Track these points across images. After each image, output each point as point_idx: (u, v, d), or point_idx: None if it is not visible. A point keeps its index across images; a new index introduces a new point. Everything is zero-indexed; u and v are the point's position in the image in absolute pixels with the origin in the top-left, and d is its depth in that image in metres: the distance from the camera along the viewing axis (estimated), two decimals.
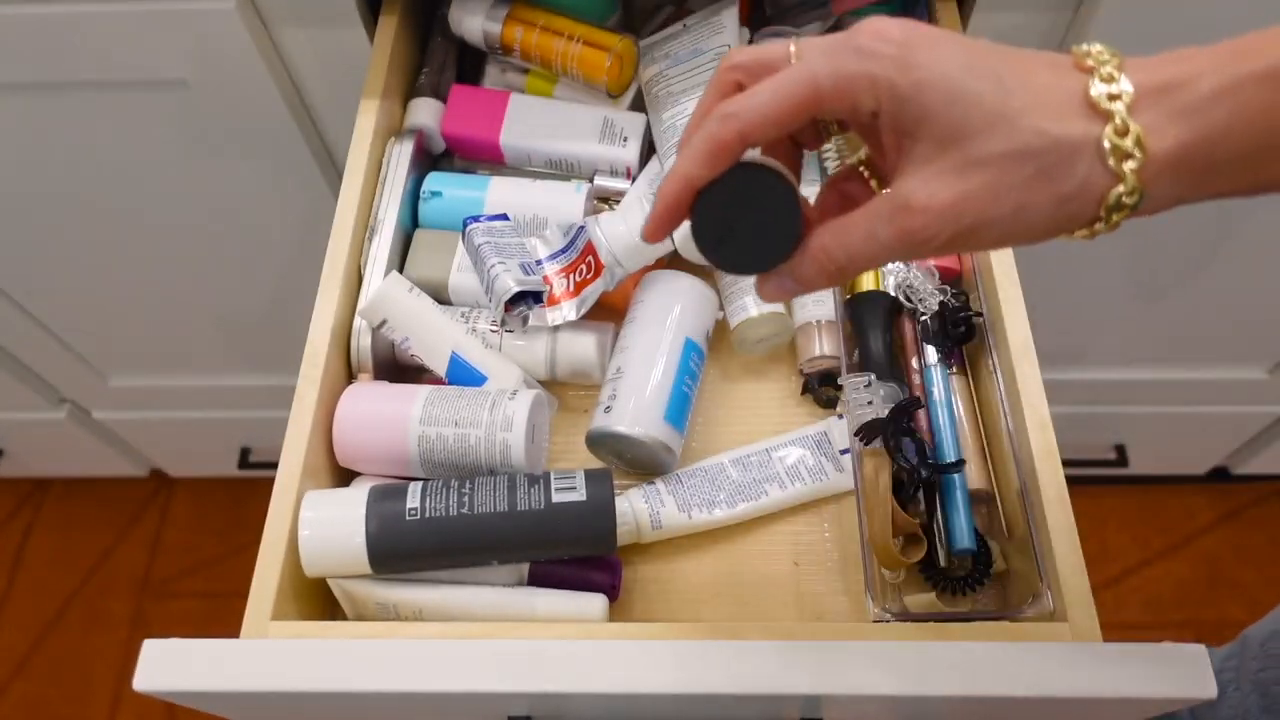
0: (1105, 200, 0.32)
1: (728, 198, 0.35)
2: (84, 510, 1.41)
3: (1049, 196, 0.32)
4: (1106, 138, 0.31)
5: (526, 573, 0.52)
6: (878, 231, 0.33)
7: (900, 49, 0.32)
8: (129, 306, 1.00)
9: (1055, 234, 0.33)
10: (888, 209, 0.33)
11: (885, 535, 0.52)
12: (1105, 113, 0.31)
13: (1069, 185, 0.32)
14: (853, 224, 0.34)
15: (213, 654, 0.44)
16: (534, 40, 0.66)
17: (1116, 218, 0.32)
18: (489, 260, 0.57)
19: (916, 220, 0.32)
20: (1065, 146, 0.31)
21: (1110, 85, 0.31)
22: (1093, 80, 0.31)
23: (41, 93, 0.74)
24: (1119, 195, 0.31)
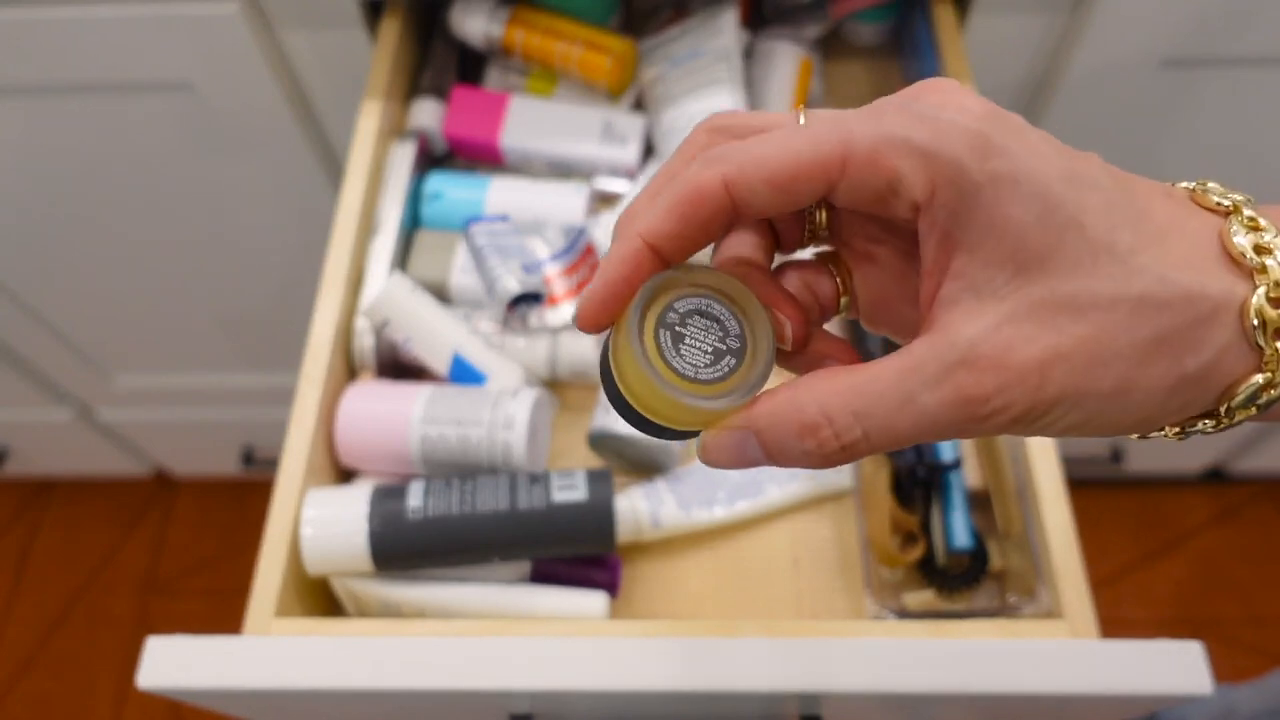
0: (1232, 392, 0.23)
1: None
2: (88, 510, 1.42)
3: (1165, 374, 0.23)
4: (1257, 304, 0.22)
5: (528, 571, 0.53)
6: (920, 396, 0.23)
7: (981, 123, 0.22)
8: (133, 306, 1.00)
9: (1147, 430, 0.25)
10: (936, 362, 0.23)
11: (884, 534, 0.53)
12: (1252, 269, 0.22)
13: (1195, 362, 0.22)
14: (876, 381, 0.23)
15: (216, 652, 0.44)
16: (535, 42, 0.66)
17: (1240, 417, 0.24)
18: (490, 261, 0.58)
19: (986, 382, 0.22)
20: (1201, 304, 0.22)
21: (1258, 235, 0.23)
22: (1231, 225, 0.23)
23: (47, 95, 0.74)
24: (1256, 387, 0.23)
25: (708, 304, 0.26)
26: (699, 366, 0.25)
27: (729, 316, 0.26)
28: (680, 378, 0.25)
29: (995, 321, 0.23)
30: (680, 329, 0.26)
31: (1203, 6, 0.65)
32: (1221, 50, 0.69)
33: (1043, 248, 0.22)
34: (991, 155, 0.22)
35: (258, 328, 1.04)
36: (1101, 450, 1.22)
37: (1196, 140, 0.77)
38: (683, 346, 0.25)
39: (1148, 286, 0.22)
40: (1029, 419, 0.23)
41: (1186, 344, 0.22)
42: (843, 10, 0.69)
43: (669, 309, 0.26)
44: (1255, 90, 0.73)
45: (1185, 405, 0.23)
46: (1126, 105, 0.74)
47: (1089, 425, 0.23)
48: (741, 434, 0.25)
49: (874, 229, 0.28)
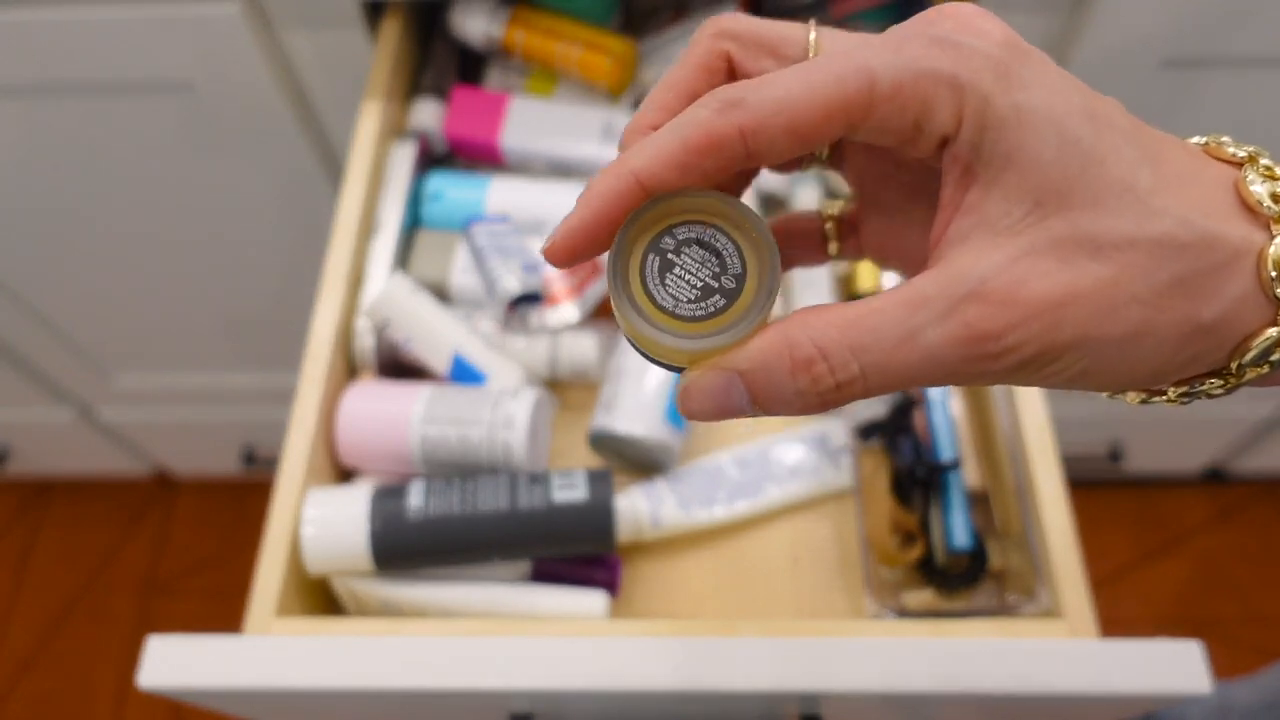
0: (1246, 346, 0.22)
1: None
2: (89, 510, 1.42)
3: (1180, 321, 0.22)
4: (1275, 253, 0.21)
5: (528, 571, 0.53)
6: (924, 331, 0.21)
7: (1004, 50, 0.21)
8: (134, 306, 1.00)
9: (1152, 384, 0.23)
10: (943, 296, 0.21)
11: (883, 533, 0.53)
12: (1269, 218, 0.22)
13: (1211, 310, 0.22)
14: (875, 315, 0.22)
15: (216, 651, 0.44)
16: (535, 42, 0.66)
17: (1249, 375, 0.23)
18: (490, 261, 0.58)
19: (999, 318, 0.21)
20: (1220, 250, 0.21)
21: (1274, 184, 0.22)
22: (1246, 173, 0.22)
23: (48, 95, 0.74)
24: (1270, 341, 0.22)
25: (711, 235, 0.24)
26: (680, 301, 0.23)
27: (732, 253, 0.24)
28: (660, 311, 0.23)
29: (1011, 255, 0.21)
30: (673, 257, 0.24)
31: (1202, 6, 0.65)
32: (1221, 50, 0.69)
33: (1063, 181, 0.21)
34: (1014, 87, 0.21)
35: (258, 328, 1.04)
36: (1101, 450, 1.22)
37: None
38: (670, 277, 0.24)
39: (1168, 228, 0.21)
40: (1038, 364, 0.22)
41: (1204, 291, 0.21)
42: (843, 10, 0.69)
43: (666, 233, 0.24)
44: (1255, 90, 0.73)
45: (1195, 358, 0.22)
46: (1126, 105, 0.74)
47: (1094, 375, 0.22)
48: (725, 377, 0.22)
49: (879, 162, 0.26)
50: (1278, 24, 0.67)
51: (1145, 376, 0.23)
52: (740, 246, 0.24)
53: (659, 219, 0.24)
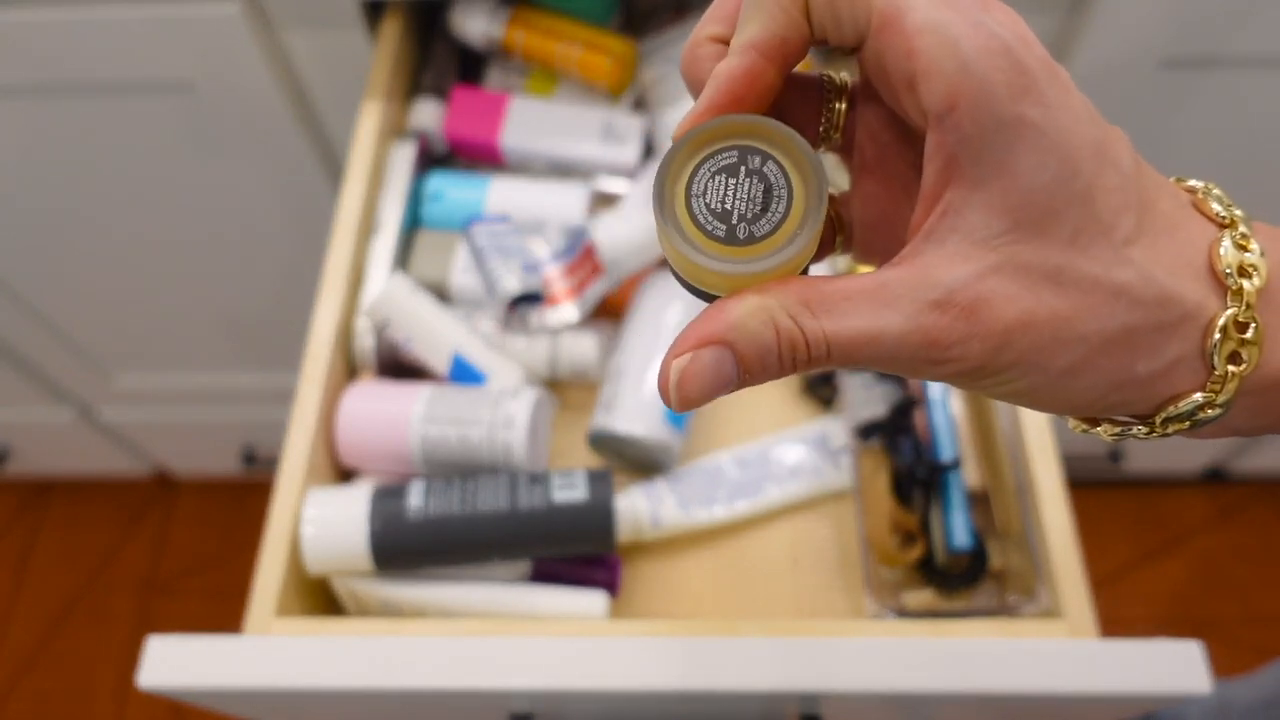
0: (1171, 403, 0.23)
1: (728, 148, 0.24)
2: (89, 510, 1.42)
3: (1116, 370, 0.23)
4: (1223, 323, 0.22)
5: (528, 571, 0.53)
6: (888, 327, 0.22)
7: (1033, 62, 0.22)
8: (134, 306, 1.00)
9: (1079, 414, 0.25)
10: (911, 297, 0.22)
11: (883, 533, 0.53)
12: (1230, 290, 0.22)
13: (1148, 367, 0.23)
14: (848, 303, 0.23)
15: (216, 651, 0.44)
16: (535, 43, 0.66)
17: (1172, 429, 0.24)
18: (490, 261, 0.58)
19: (951, 330, 0.22)
20: (1172, 310, 0.22)
21: (1244, 254, 0.23)
22: (1224, 239, 0.23)
23: (48, 95, 0.74)
24: (1196, 406, 0.23)
25: (759, 160, 0.24)
26: (726, 224, 0.23)
27: (779, 177, 0.24)
28: (703, 234, 0.23)
29: (979, 271, 0.22)
30: (720, 180, 0.24)
31: (1201, 6, 0.65)
32: (1220, 50, 0.69)
33: (1048, 210, 0.22)
34: (1028, 96, 0.21)
35: (258, 328, 1.04)
36: (1101, 450, 1.22)
37: (1196, 140, 0.77)
38: (715, 200, 0.24)
39: (1129, 279, 0.22)
40: (978, 375, 0.23)
41: (1146, 346, 0.22)
42: None
43: (713, 157, 0.24)
44: (1255, 90, 0.73)
45: (1123, 404, 0.23)
46: (1125, 105, 0.74)
47: (1026, 397, 0.24)
48: (717, 355, 0.23)
49: (890, 138, 0.27)
50: (1277, 24, 0.67)
51: (1075, 407, 0.24)
52: (787, 172, 0.24)
53: (707, 141, 0.24)
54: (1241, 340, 0.22)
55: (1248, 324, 0.22)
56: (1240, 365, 0.22)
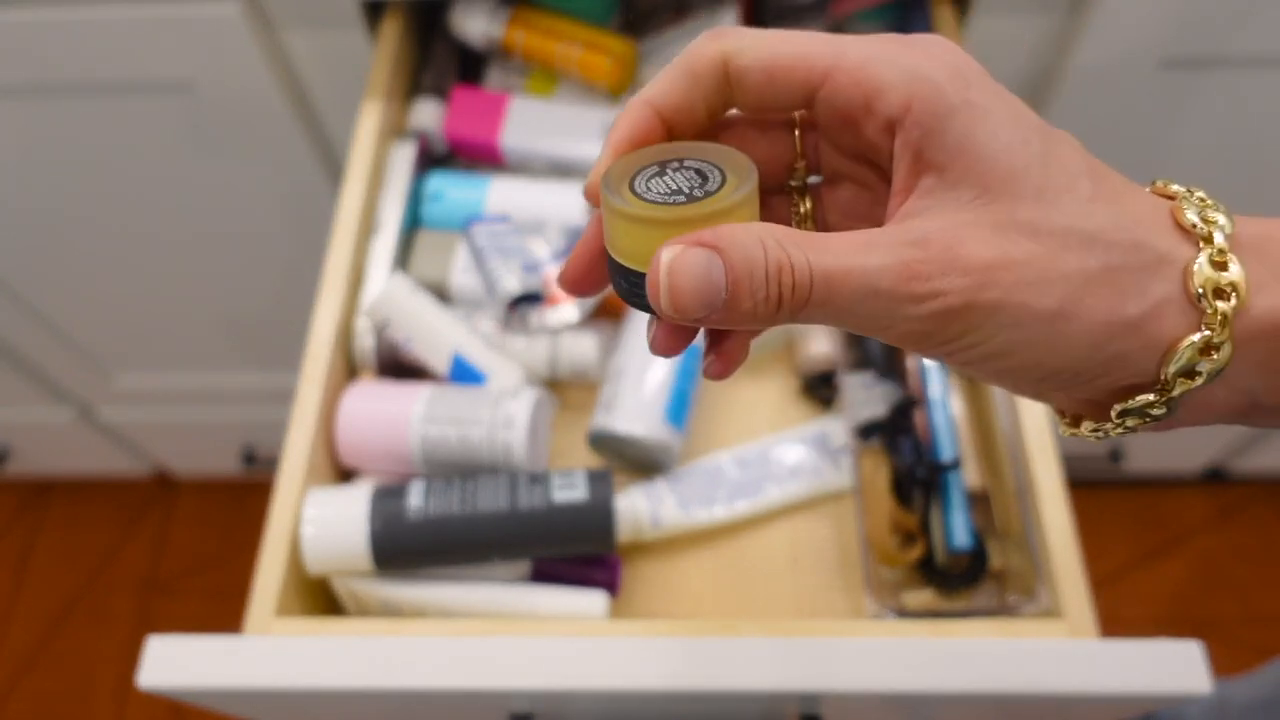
0: (1173, 353, 0.23)
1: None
2: (89, 510, 1.42)
3: (1106, 310, 0.23)
4: (1201, 262, 0.23)
5: (528, 571, 0.53)
6: (870, 256, 0.23)
7: (966, 65, 0.24)
8: (133, 306, 1.00)
9: (1074, 385, 0.25)
10: (889, 242, 0.23)
11: (883, 533, 0.53)
12: (1200, 237, 0.23)
13: (1137, 307, 0.23)
14: (832, 240, 0.24)
15: (216, 651, 0.44)
16: (535, 43, 0.66)
17: (1179, 389, 0.23)
18: (490, 261, 0.58)
19: (931, 262, 0.23)
20: (1148, 253, 0.23)
21: (1206, 212, 0.24)
22: (1184, 204, 0.24)
23: (47, 95, 0.74)
24: (1194, 347, 0.23)
25: (698, 164, 0.26)
26: (665, 195, 0.25)
27: (715, 172, 0.26)
28: (643, 202, 0.25)
29: (954, 222, 0.23)
30: (662, 174, 0.26)
31: (1201, 6, 0.65)
32: (1220, 50, 0.69)
33: (1009, 174, 0.23)
34: (971, 89, 0.23)
35: (258, 328, 1.04)
36: (1101, 450, 1.22)
37: (1195, 140, 0.77)
38: (657, 183, 0.25)
39: (1102, 225, 0.23)
40: (961, 323, 0.23)
41: (1130, 286, 0.23)
42: (843, 10, 0.69)
43: (659, 164, 0.26)
44: (1255, 90, 0.73)
45: (1120, 358, 0.23)
46: (1125, 105, 0.74)
47: (1017, 354, 0.24)
48: (706, 255, 0.23)
49: (847, 162, 0.28)
50: (1277, 24, 0.67)
51: (1067, 368, 0.24)
52: (724, 170, 0.26)
53: (655, 155, 0.26)
54: (1223, 279, 0.23)
55: (1225, 263, 0.23)
56: (1229, 300, 0.23)
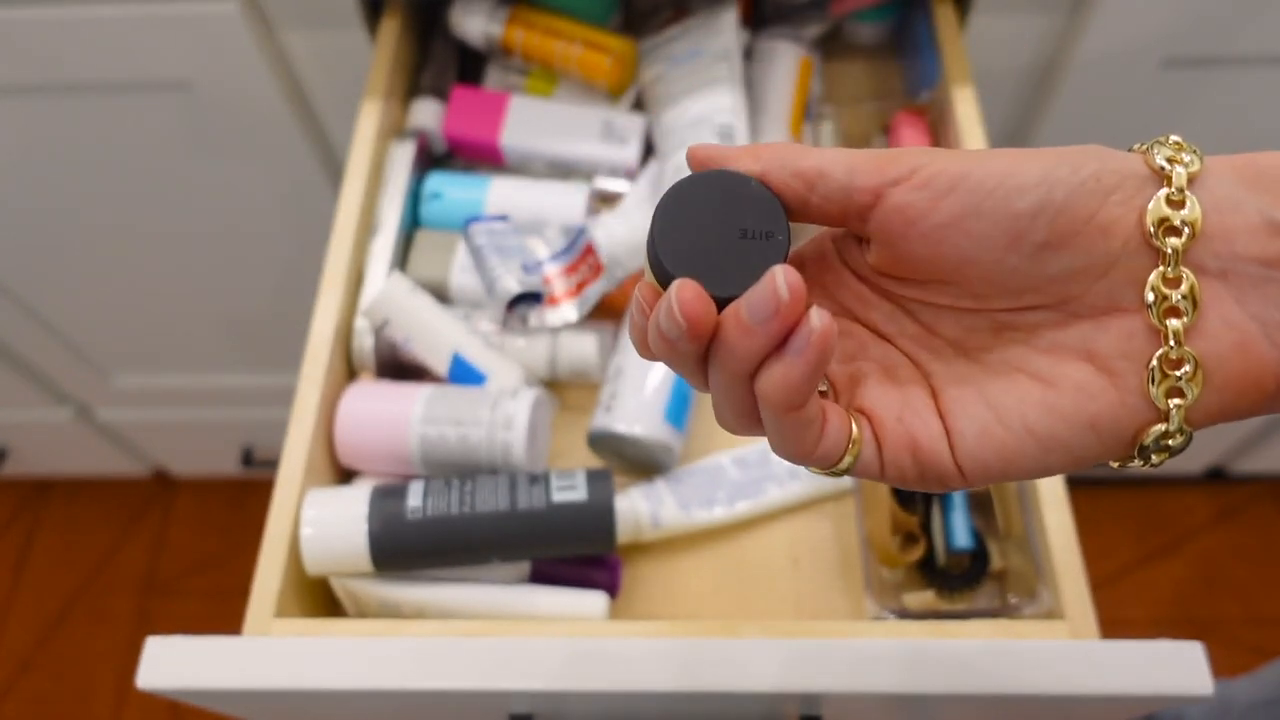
0: (1142, 224, 0.24)
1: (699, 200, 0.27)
2: (88, 510, 1.42)
3: (1085, 207, 0.24)
4: (1158, 198, 0.24)
5: (528, 571, 0.53)
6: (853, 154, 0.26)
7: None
8: (132, 306, 1.00)
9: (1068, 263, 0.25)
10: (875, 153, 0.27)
11: (884, 534, 0.53)
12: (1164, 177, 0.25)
13: (1119, 202, 0.24)
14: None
15: (215, 652, 0.44)
16: (535, 42, 0.66)
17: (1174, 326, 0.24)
18: (490, 261, 0.58)
19: (915, 150, 0.26)
20: (1107, 154, 0.25)
21: (1178, 154, 0.25)
22: (1155, 149, 0.25)
23: (46, 95, 0.74)
24: (1159, 278, 0.24)
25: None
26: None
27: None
28: None
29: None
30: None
31: (1202, 6, 0.65)
32: (1221, 50, 0.69)
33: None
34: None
35: (258, 328, 1.04)
36: None
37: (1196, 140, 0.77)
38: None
39: (1063, 149, 0.25)
40: (931, 190, 0.25)
41: (1111, 185, 0.24)
42: (843, 10, 0.69)
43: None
44: (1255, 90, 0.73)
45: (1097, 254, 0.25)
46: (1126, 105, 0.74)
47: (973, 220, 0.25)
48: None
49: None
50: (1278, 24, 0.67)
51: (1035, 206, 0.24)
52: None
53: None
54: (1177, 216, 0.24)
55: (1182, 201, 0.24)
56: (1180, 237, 0.24)
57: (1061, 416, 0.25)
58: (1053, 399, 0.25)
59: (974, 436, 0.26)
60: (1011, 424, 0.26)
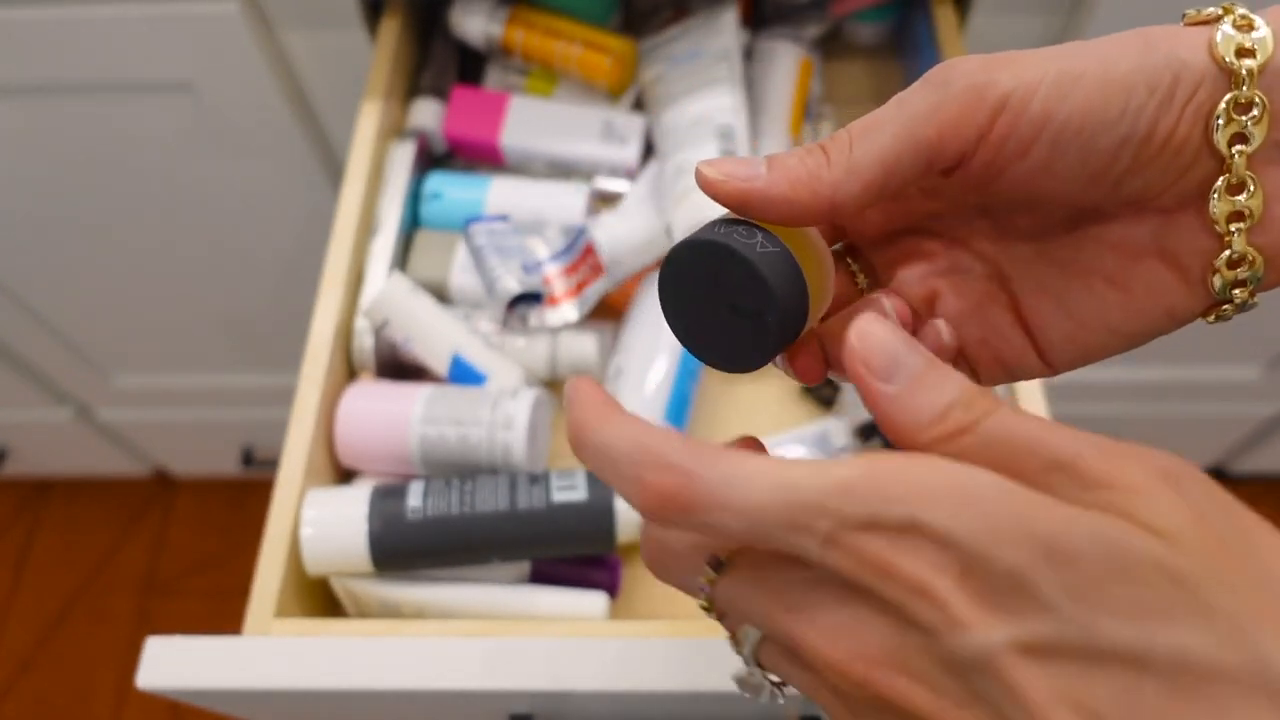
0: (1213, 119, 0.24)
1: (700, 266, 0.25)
2: (88, 510, 1.42)
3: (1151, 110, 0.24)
4: (1225, 27, 0.24)
5: (528, 571, 0.53)
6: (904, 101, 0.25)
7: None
8: (133, 306, 1.00)
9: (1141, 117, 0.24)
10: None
11: None
12: (1222, 9, 0.25)
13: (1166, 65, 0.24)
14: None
15: (215, 652, 0.44)
16: (535, 42, 0.66)
17: (1237, 154, 0.24)
18: (490, 261, 0.58)
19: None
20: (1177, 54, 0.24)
21: (1243, 36, 0.24)
22: (1217, 30, 0.25)
23: (47, 95, 0.74)
24: (1230, 105, 0.23)
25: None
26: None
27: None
28: None
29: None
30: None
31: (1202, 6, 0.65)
32: None
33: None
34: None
35: (258, 328, 1.04)
36: None
37: None
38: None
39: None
40: (1016, 140, 0.24)
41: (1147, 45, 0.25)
42: (843, 10, 0.69)
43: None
44: None
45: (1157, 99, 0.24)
46: None
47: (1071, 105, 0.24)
48: (753, 159, 0.25)
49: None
50: None
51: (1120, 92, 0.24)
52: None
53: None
54: (1248, 39, 0.24)
55: (1250, 24, 0.24)
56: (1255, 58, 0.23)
57: (1140, 314, 0.26)
58: (1130, 301, 0.26)
59: (1060, 343, 0.27)
60: (1095, 329, 0.27)
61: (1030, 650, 0.17)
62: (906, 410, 0.21)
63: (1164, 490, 0.18)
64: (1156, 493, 0.18)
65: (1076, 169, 0.24)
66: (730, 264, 0.24)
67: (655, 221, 0.60)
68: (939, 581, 0.18)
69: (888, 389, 0.21)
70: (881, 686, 0.19)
